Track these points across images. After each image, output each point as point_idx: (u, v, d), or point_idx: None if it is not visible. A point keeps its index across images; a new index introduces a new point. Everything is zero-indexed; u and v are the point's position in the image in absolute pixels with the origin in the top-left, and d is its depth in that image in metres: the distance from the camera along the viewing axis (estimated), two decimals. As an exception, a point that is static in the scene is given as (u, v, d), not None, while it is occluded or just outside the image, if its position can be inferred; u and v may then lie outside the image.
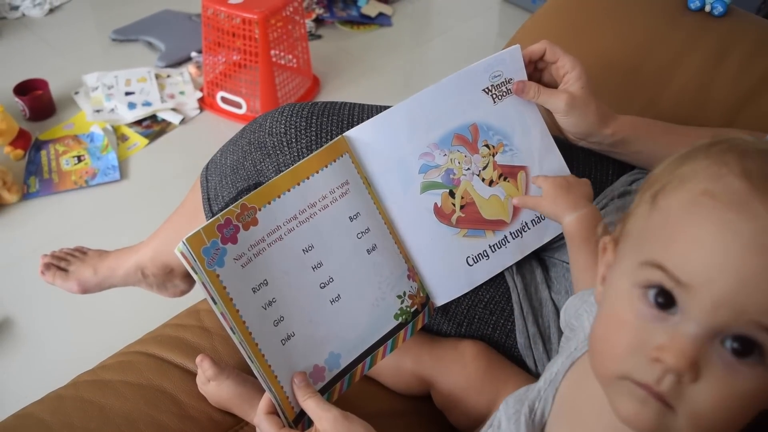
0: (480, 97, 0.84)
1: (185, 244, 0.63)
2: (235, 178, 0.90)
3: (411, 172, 0.81)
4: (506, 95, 0.85)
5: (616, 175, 0.91)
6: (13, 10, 2.58)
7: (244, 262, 0.67)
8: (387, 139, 0.80)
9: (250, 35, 2.00)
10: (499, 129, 0.85)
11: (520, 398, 0.60)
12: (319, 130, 0.87)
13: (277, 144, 0.87)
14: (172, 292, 1.20)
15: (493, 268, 0.84)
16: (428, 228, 0.81)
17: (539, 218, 0.86)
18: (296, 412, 0.69)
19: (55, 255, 1.22)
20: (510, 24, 2.68)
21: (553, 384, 0.57)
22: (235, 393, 0.80)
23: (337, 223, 0.74)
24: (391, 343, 0.77)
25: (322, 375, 0.72)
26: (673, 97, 1.07)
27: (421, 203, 0.81)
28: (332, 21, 2.63)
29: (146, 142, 2.05)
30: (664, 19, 1.14)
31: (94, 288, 1.21)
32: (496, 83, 0.85)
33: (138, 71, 2.25)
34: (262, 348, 0.67)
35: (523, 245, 0.85)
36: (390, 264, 0.78)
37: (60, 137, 2.04)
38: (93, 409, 0.81)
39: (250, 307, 0.66)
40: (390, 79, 2.39)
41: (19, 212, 1.81)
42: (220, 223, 0.65)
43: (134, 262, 1.14)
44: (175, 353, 0.89)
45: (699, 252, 0.40)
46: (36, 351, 1.50)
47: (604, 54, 1.13)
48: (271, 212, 0.69)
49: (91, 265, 1.19)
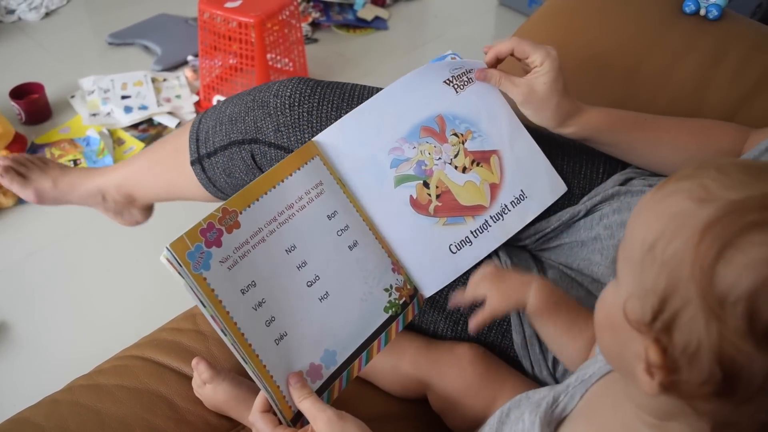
0: (442, 88, 0.87)
1: (169, 250, 0.63)
2: (231, 128, 0.91)
3: (383, 168, 0.82)
4: (468, 84, 0.88)
5: (606, 174, 0.91)
6: (9, 14, 2.57)
7: (231, 264, 0.67)
8: (355, 138, 0.82)
9: (247, 39, 2.00)
10: (465, 117, 0.87)
11: (517, 403, 0.60)
12: (322, 99, 0.89)
13: (279, 105, 0.89)
14: (127, 220, 1.19)
15: (479, 253, 0.84)
16: (407, 220, 0.82)
17: (519, 198, 0.86)
18: (294, 412, 0.69)
19: (15, 158, 1.17)
20: (506, 27, 2.69)
21: (584, 384, 0.58)
22: (231, 395, 0.80)
23: (316, 223, 0.76)
24: (384, 337, 0.78)
25: (320, 373, 0.72)
26: (669, 100, 1.07)
27: (397, 197, 0.82)
28: (328, 24, 2.63)
29: (142, 146, 2.04)
30: (660, 23, 1.14)
31: (51, 201, 1.17)
32: (456, 74, 0.88)
33: (134, 75, 2.25)
34: (256, 348, 0.67)
35: (506, 227, 0.86)
36: (373, 259, 0.80)
37: (56, 141, 2.03)
38: (89, 413, 0.81)
39: (241, 309, 0.67)
40: (386, 82, 2.36)
41: (15, 216, 1.81)
42: (202, 227, 0.66)
43: (97, 185, 1.13)
44: (170, 357, 0.89)
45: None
46: (32, 355, 1.50)
47: (600, 57, 1.14)
48: (251, 215, 0.71)
49: (51, 176, 1.15)
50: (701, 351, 0.39)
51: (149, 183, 1.08)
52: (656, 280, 0.41)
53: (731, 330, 0.38)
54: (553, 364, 0.81)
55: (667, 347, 0.41)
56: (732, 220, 0.39)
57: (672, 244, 0.41)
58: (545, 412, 0.57)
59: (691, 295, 0.39)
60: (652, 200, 0.44)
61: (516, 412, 0.62)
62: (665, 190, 0.44)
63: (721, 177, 0.41)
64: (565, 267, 0.86)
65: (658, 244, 0.42)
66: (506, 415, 0.63)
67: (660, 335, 0.41)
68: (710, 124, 0.89)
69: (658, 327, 0.41)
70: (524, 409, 0.60)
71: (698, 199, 0.41)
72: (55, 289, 1.64)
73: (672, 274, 0.40)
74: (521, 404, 0.62)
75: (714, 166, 0.43)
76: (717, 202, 0.40)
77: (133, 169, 1.10)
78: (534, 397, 0.62)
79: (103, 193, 1.13)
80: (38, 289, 1.65)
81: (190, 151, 0.95)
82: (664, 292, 0.41)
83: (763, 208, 0.39)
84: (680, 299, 0.40)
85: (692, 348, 0.40)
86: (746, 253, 0.38)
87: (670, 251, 0.41)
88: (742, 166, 0.42)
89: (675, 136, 0.87)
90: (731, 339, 0.38)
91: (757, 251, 0.38)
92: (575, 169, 0.91)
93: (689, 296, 0.39)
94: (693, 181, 0.42)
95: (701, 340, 0.39)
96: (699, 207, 0.40)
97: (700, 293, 0.39)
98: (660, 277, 0.41)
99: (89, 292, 1.64)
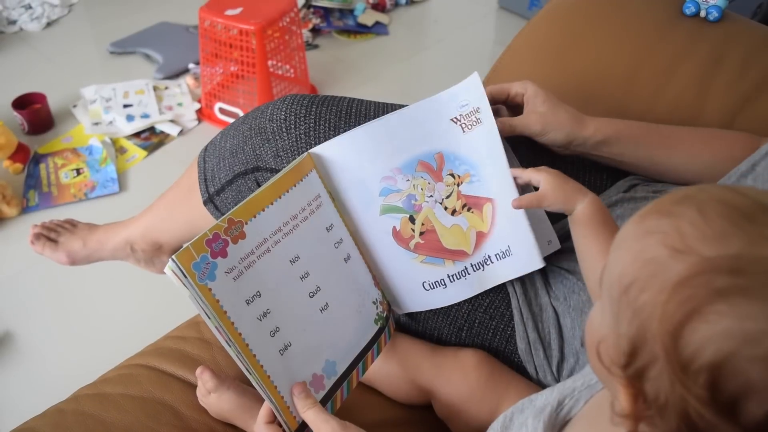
0: (448, 126, 0.83)
1: (175, 261, 0.63)
2: (234, 161, 0.92)
3: (371, 194, 0.81)
4: (476, 125, 0.82)
5: (610, 181, 0.91)
6: (10, 24, 2.59)
7: (236, 275, 0.67)
8: (349, 158, 0.81)
9: (247, 46, 2.00)
10: (467, 159, 0.83)
11: (520, 408, 0.60)
12: (318, 118, 0.89)
13: (276, 129, 0.89)
14: (159, 268, 1.20)
15: (450, 299, 0.83)
16: (386, 248, 0.82)
17: (505, 254, 0.82)
18: (298, 422, 0.69)
19: (45, 225, 1.23)
20: (506, 31, 2.69)
21: (590, 389, 0.58)
22: (236, 404, 0.80)
23: (317, 234, 0.76)
24: (376, 348, 0.80)
25: (322, 383, 0.72)
26: (670, 101, 1.07)
27: (380, 225, 0.82)
28: (329, 30, 2.64)
29: (145, 154, 2.05)
30: (660, 25, 1.14)
31: (83, 260, 1.22)
32: (464, 113, 0.83)
33: (136, 83, 2.26)
34: (261, 359, 0.67)
35: (484, 279, 0.82)
36: (362, 272, 0.81)
37: (59, 150, 2.04)
38: (94, 422, 0.81)
39: (245, 319, 0.67)
40: (387, 87, 2.39)
41: (18, 226, 1.81)
42: (208, 238, 0.66)
43: (124, 237, 1.16)
44: (175, 365, 0.89)
45: None
46: (36, 365, 1.50)
47: (600, 60, 1.14)
48: (257, 225, 0.70)
49: (80, 237, 1.20)
50: (668, 407, 0.39)
51: (171, 227, 1.10)
52: (629, 326, 0.41)
53: (694, 397, 0.37)
54: (558, 370, 0.81)
55: (638, 395, 0.41)
56: (700, 284, 0.38)
57: (644, 294, 0.40)
58: (549, 416, 0.57)
59: (657, 353, 0.39)
60: (634, 233, 0.43)
61: (520, 417, 0.61)
62: (646, 224, 0.43)
63: (699, 222, 0.40)
64: (567, 272, 0.86)
65: (632, 289, 0.41)
66: (510, 420, 0.63)
67: (633, 381, 0.41)
68: (721, 133, 0.90)
69: (630, 373, 0.41)
70: (528, 414, 0.59)
71: (672, 249, 0.40)
72: (58, 299, 1.64)
73: (642, 325, 0.40)
74: (525, 409, 0.62)
75: (696, 204, 0.41)
76: (689, 257, 0.39)
77: (153, 216, 1.13)
78: (538, 400, 0.62)
79: (131, 244, 1.15)
80: (42, 298, 1.65)
81: (201, 192, 0.96)
82: (635, 341, 0.40)
83: (732, 273, 0.37)
84: (648, 353, 0.39)
85: (661, 401, 0.39)
86: (711, 323, 0.37)
87: (641, 301, 0.40)
88: (725, 210, 0.40)
89: (689, 144, 0.87)
90: (694, 405, 0.37)
91: (722, 324, 0.36)
92: (579, 175, 0.91)
93: (656, 353, 0.39)
94: (671, 222, 0.41)
95: (668, 397, 0.39)
96: (672, 259, 0.39)
97: (664, 355, 0.38)
98: (632, 324, 0.40)
99: (93, 301, 1.64)
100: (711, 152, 0.86)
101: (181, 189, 1.06)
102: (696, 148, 0.87)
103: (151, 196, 1.16)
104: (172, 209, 1.08)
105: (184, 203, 1.04)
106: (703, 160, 0.86)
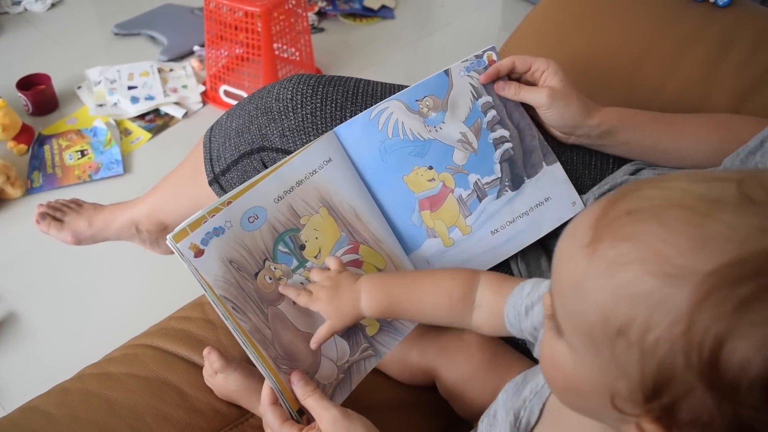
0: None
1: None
2: (239, 141, 0.92)
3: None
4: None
5: (617, 165, 0.91)
6: (15, 5, 2.57)
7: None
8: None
9: (253, 28, 2.00)
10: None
11: (517, 388, 0.60)
12: (324, 98, 0.89)
13: (282, 109, 0.89)
14: (164, 249, 1.21)
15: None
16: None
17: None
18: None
19: (50, 205, 1.23)
20: (513, 16, 2.67)
21: (540, 395, 0.57)
22: (243, 385, 0.80)
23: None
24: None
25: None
26: (678, 86, 1.06)
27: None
28: (335, 14, 2.62)
29: (149, 136, 2.05)
30: (669, 9, 1.13)
31: (88, 240, 1.22)
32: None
33: (141, 65, 2.25)
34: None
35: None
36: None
37: (63, 132, 2.04)
38: (98, 401, 0.81)
39: None
40: (392, 71, 2.38)
41: (22, 207, 1.81)
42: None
43: (129, 217, 1.16)
44: (180, 346, 0.89)
45: None
46: (41, 345, 1.51)
47: (609, 44, 1.13)
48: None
49: (86, 216, 1.21)
50: (715, 423, 0.36)
51: (176, 207, 1.10)
52: (643, 368, 0.37)
53: (748, 407, 0.35)
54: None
55: (671, 425, 0.38)
56: (718, 302, 0.35)
57: (652, 332, 0.36)
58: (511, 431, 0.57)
59: (693, 383, 0.36)
60: (593, 269, 0.39)
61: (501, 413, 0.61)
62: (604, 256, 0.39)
63: (669, 236, 0.37)
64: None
65: (631, 331, 0.37)
66: (494, 417, 0.62)
67: (660, 414, 0.38)
68: (728, 117, 0.89)
69: (656, 408, 0.38)
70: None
71: (663, 275, 0.36)
72: (63, 279, 1.65)
73: (663, 363, 0.36)
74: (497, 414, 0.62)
75: (654, 218, 0.38)
76: (688, 278, 0.35)
77: (158, 195, 1.13)
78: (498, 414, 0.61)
79: (136, 224, 1.15)
80: (47, 279, 1.65)
81: (206, 172, 0.96)
82: (658, 380, 0.37)
83: (744, 279, 0.34)
84: (682, 386, 0.36)
85: (704, 420, 0.36)
86: (747, 338, 0.34)
87: (651, 340, 0.36)
88: (682, 213, 0.37)
89: (696, 128, 0.87)
90: (749, 414, 0.35)
91: (758, 333, 0.34)
92: (585, 159, 0.90)
93: (691, 384, 0.36)
94: (638, 246, 0.37)
95: (713, 416, 0.36)
96: (669, 286, 0.36)
97: (707, 383, 0.35)
98: (647, 366, 0.37)
99: (98, 281, 1.65)
100: (719, 135, 0.86)
101: (186, 169, 1.06)
102: (703, 132, 0.87)
103: (156, 179, 1.16)
104: (177, 189, 1.08)
105: (189, 183, 1.04)
106: (710, 143, 0.86)
